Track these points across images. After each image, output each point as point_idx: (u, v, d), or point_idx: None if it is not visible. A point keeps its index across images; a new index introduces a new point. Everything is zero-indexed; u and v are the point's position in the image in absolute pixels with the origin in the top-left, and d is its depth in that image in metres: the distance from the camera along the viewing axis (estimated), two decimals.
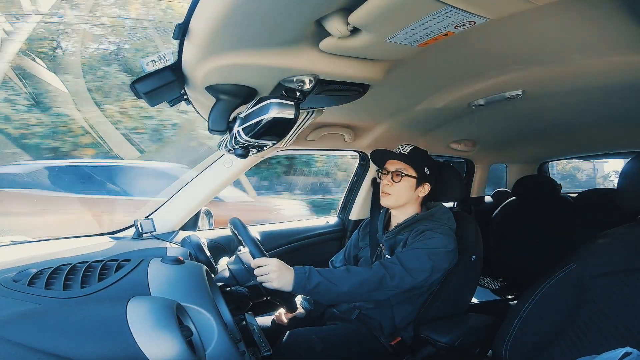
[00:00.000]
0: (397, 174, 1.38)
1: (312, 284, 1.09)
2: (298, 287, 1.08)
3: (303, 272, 1.11)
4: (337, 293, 1.12)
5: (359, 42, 0.74)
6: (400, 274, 1.20)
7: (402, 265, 1.22)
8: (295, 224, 2.11)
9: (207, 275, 0.88)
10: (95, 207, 4.20)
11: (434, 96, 1.36)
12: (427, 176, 1.41)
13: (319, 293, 1.11)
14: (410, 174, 1.38)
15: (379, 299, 1.26)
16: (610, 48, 0.96)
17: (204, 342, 0.69)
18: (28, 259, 1.16)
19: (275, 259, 1.10)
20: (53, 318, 0.59)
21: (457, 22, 0.65)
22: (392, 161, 1.42)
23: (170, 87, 0.92)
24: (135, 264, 0.81)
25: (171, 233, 1.55)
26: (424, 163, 1.41)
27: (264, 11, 0.65)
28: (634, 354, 0.69)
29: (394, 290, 1.20)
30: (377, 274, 1.18)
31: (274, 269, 1.07)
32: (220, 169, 1.63)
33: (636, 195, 1.01)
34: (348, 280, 1.14)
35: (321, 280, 1.11)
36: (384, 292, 1.19)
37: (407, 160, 1.38)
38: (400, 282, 1.20)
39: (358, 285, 1.14)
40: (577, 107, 1.53)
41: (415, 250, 1.26)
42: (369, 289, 1.16)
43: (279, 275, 1.07)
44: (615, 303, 0.97)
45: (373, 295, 1.19)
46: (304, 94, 0.93)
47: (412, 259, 1.24)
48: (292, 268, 1.11)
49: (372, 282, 1.16)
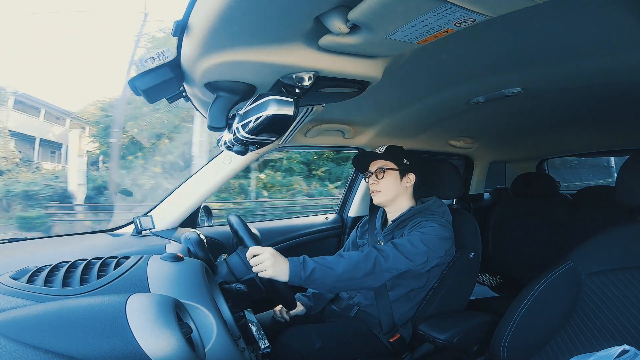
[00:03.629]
0: (379, 171, 1.43)
1: (307, 270, 1.08)
2: (294, 275, 1.07)
3: (297, 261, 1.10)
4: (333, 278, 1.11)
5: (358, 39, 0.74)
6: (394, 255, 1.20)
7: (396, 248, 1.22)
8: (293, 221, 2.11)
9: (206, 272, 0.88)
10: None
11: (434, 93, 1.36)
12: (408, 166, 1.45)
13: (315, 280, 1.10)
14: (391, 167, 1.43)
15: (376, 284, 1.23)
16: (609, 46, 0.96)
17: (204, 339, 0.69)
18: (27, 256, 1.16)
19: (269, 248, 1.09)
20: (52, 315, 0.59)
21: (457, 20, 0.64)
22: (373, 162, 1.48)
23: (169, 83, 0.91)
24: (135, 261, 0.82)
25: (170, 230, 1.55)
26: (401, 155, 1.46)
27: (263, 8, 0.65)
28: (631, 352, 0.70)
29: (389, 273, 1.19)
30: (371, 255, 1.18)
31: (268, 256, 1.06)
32: (219, 166, 1.62)
33: (635, 192, 1.02)
34: (342, 263, 1.13)
35: (316, 266, 1.10)
36: (380, 275, 1.18)
37: (385, 156, 1.45)
38: (394, 263, 1.19)
39: (352, 267, 1.13)
40: (576, 104, 1.53)
41: (409, 237, 1.28)
42: (364, 272, 1.15)
43: (273, 263, 1.06)
44: (612, 301, 0.98)
45: (369, 279, 1.17)
46: (303, 91, 0.92)
47: (405, 242, 1.25)
48: (287, 258, 1.10)
49: (366, 264, 1.15)
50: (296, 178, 8.58)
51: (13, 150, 9.45)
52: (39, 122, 11.35)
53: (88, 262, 0.79)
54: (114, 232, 1.53)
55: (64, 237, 1.47)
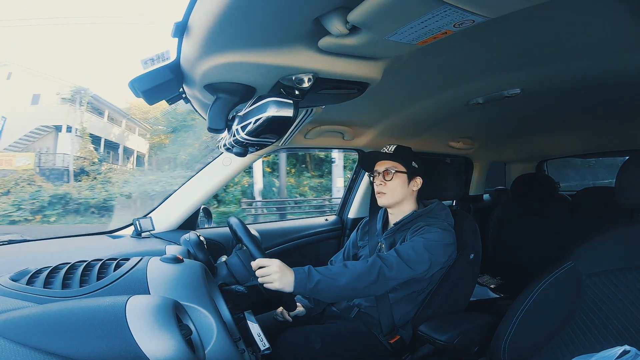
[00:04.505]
0: (387, 172, 1.41)
1: (312, 282, 1.09)
2: (299, 287, 1.09)
3: (303, 272, 1.11)
4: (337, 289, 1.12)
5: (357, 41, 0.74)
6: (398, 265, 1.20)
7: (400, 256, 1.22)
8: (293, 222, 2.11)
9: (206, 274, 0.88)
10: None
11: (433, 94, 1.36)
12: (416, 170, 1.43)
13: (320, 291, 1.11)
14: (400, 169, 1.41)
15: (379, 293, 1.24)
16: (608, 46, 0.96)
17: (203, 341, 0.69)
18: (26, 257, 1.16)
19: (277, 260, 1.10)
20: (52, 317, 0.59)
21: (456, 21, 0.65)
22: (380, 162, 1.45)
23: (169, 85, 0.91)
24: (134, 263, 0.81)
25: (170, 232, 1.55)
26: (411, 158, 1.44)
27: (262, 9, 0.65)
28: (631, 352, 0.70)
29: (393, 282, 1.20)
30: (375, 265, 1.18)
31: (277, 269, 1.07)
32: (219, 168, 1.62)
33: (634, 193, 1.02)
34: (346, 274, 1.14)
35: (321, 278, 1.11)
36: (383, 284, 1.18)
37: (394, 158, 1.42)
38: (398, 272, 1.19)
39: (356, 278, 1.14)
40: (575, 105, 1.53)
41: (412, 243, 1.27)
42: (368, 282, 1.15)
43: (280, 277, 1.07)
44: (613, 301, 0.97)
45: (373, 288, 1.18)
46: (303, 93, 0.92)
47: (409, 251, 1.24)
48: (292, 269, 1.11)
49: (370, 274, 1.16)
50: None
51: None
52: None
53: (88, 263, 0.79)
54: (114, 233, 1.53)
55: (64, 238, 1.47)
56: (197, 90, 0.97)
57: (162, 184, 9.88)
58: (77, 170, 11.75)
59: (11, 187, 10.18)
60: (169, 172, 11.56)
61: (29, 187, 10.34)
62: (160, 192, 9.36)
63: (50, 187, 10.49)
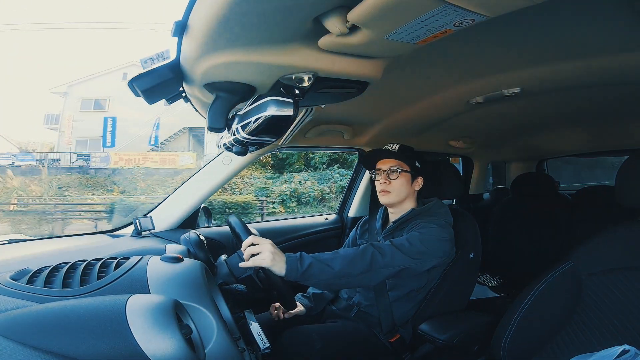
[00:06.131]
0: (392, 171, 1.41)
1: (304, 265, 1.06)
2: (290, 269, 1.05)
3: (294, 256, 1.08)
4: (330, 274, 1.09)
5: (357, 40, 0.74)
6: (391, 251, 1.18)
7: (393, 244, 1.21)
8: (293, 221, 2.11)
9: (206, 273, 0.88)
10: None
11: (433, 94, 1.36)
12: (419, 170, 1.44)
13: (312, 275, 1.08)
14: (405, 169, 1.41)
15: (374, 282, 1.22)
16: (609, 46, 0.96)
17: (204, 340, 0.69)
18: (27, 257, 1.16)
19: (269, 240, 1.08)
20: (52, 316, 0.59)
21: (456, 20, 0.65)
22: (384, 160, 1.44)
23: (169, 84, 0.91)
24: (135, 262, 0.81)
25: (170, 231, 1.55)
26: (414, 157, 1.45)
27: (262, 8, 0.65)
28: (631, 352, 0.70)
29: (387, 270, 1.17)
30: (367, 251, 1.16)
31: (269, 247, 1.05)
32: (219, 167, 1.62)
33: (635, 193, 1.02)
34: (338, 259, 1.12)
35: (313, 262, 1.08)
36: (378, 272, 1.15)
37: (399, 156, 1.42)
38: (391, 259, 1.17)
39: (349, 263, 1.11)
40: (575, 104, 1.53)
41: (407, 236, 1.27)
42: (361, 269, 1.12)
43: (272, 256, 1.04)
44: (612, 301, 0.97)
45: (367, 277, 1.15)
46: (303, 92, 0.92)
47: (403, 241, 1.24)
48: (284, 254, 1.09)
49: (363, 260, 1.13)
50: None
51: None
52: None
53: (88, 263, 0.79)
54: (114, 233, 1.53)
55: (64, 238, 1.47)
56: (197, 90, 0.97)
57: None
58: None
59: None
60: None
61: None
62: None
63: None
